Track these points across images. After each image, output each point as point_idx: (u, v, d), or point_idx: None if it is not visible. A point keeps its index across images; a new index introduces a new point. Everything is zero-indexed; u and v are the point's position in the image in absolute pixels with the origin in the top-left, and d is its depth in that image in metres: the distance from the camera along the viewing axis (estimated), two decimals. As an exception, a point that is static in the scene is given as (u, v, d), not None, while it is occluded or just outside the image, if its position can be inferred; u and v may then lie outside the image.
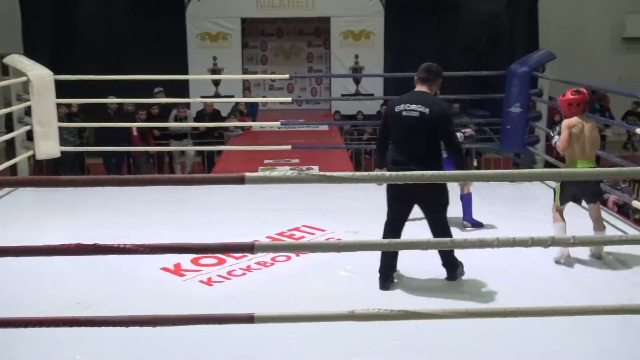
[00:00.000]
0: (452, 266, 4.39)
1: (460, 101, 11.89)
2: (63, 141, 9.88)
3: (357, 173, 2.94)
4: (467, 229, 5.52)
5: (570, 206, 4.95)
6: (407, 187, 4.11)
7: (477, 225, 5.56)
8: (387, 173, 3.02)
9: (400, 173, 3.03)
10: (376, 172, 3.13)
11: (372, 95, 13.48)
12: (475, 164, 11.07)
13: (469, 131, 5.77)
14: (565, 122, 4.81)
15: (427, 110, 4.13)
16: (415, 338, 3.67)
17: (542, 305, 3.21)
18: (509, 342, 3.65)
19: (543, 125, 7.75)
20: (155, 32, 13.23)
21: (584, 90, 4.84)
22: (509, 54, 13.02)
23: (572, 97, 4.78)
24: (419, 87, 4.30)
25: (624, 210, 6.89)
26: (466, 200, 5.52)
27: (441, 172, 3.24)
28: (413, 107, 4.18)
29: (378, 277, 4.35)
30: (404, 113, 4.20)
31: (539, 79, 7.65)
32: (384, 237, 4.24)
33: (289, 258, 4.90)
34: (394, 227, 4.29)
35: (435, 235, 4.21)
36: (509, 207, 6.35)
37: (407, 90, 4.38)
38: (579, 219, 5.02)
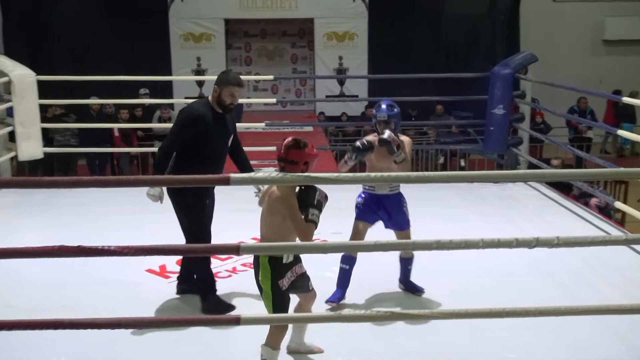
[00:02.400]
0: (202, 286, 4.14)
1: (443, 102, 11.98)
2: (56, 142, 9.90)
3: (342, 174, 2.94)
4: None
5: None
6: None
7: (415, 290, 4.40)
8: (372, 174, 3.01)
9: (386, 174, 3.01)
10: (361, 174, 3.12)
11: (357, 96, 13.52)
12: (462, 164, 11.13)
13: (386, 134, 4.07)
14: None
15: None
16: (405, 338, 3.71)
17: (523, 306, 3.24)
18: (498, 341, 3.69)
19: (526, 126, 7.81)
20: (138, 33, 13.15)
21: (287, 142, 3.30)
22: (491, 56, 13.14)
23: None
24: None
25: (605, 212, 6.91)
26: (404, 264, 4.38)
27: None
28: None
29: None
30: None
31: (522, 81, 7.71)
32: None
33: (274, 259, 4.89)
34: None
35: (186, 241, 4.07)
36: (492, 208, 6.39)
37: (390, 91, 4.37)
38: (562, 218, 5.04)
